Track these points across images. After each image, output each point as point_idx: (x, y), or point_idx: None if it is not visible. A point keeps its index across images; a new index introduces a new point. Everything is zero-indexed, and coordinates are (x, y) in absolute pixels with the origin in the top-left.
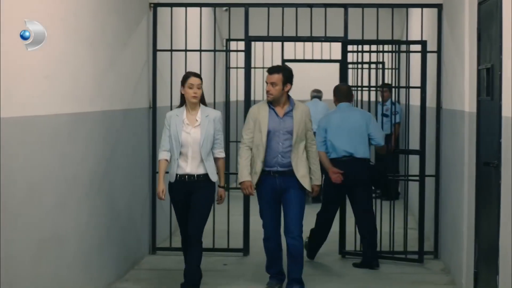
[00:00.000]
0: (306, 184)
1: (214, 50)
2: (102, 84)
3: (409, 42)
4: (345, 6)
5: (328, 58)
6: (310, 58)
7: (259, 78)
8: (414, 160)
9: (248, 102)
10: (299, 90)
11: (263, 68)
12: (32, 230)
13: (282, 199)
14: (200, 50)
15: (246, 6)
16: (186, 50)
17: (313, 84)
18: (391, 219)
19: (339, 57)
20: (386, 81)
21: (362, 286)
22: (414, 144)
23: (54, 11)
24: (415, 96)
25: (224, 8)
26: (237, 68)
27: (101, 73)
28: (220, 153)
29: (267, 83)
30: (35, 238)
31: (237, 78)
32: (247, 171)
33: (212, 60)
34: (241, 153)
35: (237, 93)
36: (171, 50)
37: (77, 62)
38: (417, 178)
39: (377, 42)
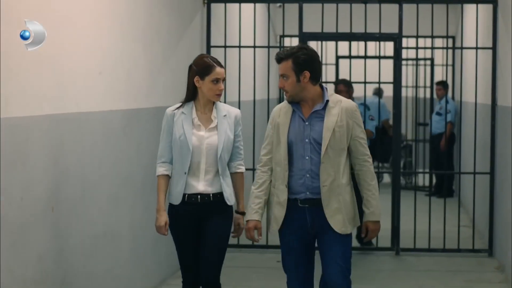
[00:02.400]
0: (338, 226)
1: (268, 47)
2: (156, 81)
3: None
4: (400, 2)
5: (383, 53)
6: (364, 54)
7: None
8: (468, 155)
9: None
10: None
11: None
12: (86, 226)
13: (318, 242)
14: (254, 47)
15: (300, 2)
16: (240, 47)
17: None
18: (444, 216)
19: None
20: (436, 79)
21: (415, 284)
22: (469, 141)
23: (108, 7)
24: (470, 93)
25: (278, 4)
26: None
27: (155, 69)
28: (240, 167)
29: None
30: (89, 234)
31: None
32: (254, 206)
33: (266, 57)
34: (255, 178)
35: None
36: (225, 47)
37: (131, 58)
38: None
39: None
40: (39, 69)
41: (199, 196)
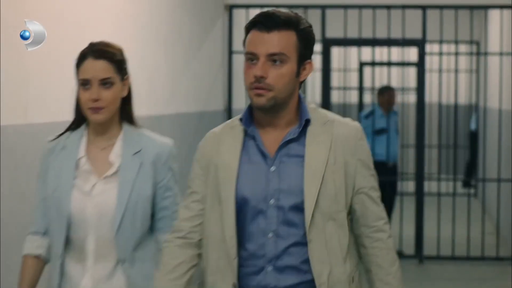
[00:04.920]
0: None
1: None
2: (177, 86)
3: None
4: (424, 8)
5: (407, 59)
6: (387, 59)
7: (335, 80)
8: (492, 162)
9: (326, 105)
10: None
11: (339, 71)
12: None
13: None
14: None
15: (323, 7)
16: None
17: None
18: (468, 223)
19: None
20: (460, 85)
21: None
22: (493, 147)
23: (129, 12)
24: (494, 99)
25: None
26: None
27: (177, 74)
28: None
29: (251, 56)
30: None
31: (314, 80)
32: None
33: None
34: (163, 259)
35: (314, 96)
36: None
37: (153, 63)
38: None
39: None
40: (59, 74)
41: None
